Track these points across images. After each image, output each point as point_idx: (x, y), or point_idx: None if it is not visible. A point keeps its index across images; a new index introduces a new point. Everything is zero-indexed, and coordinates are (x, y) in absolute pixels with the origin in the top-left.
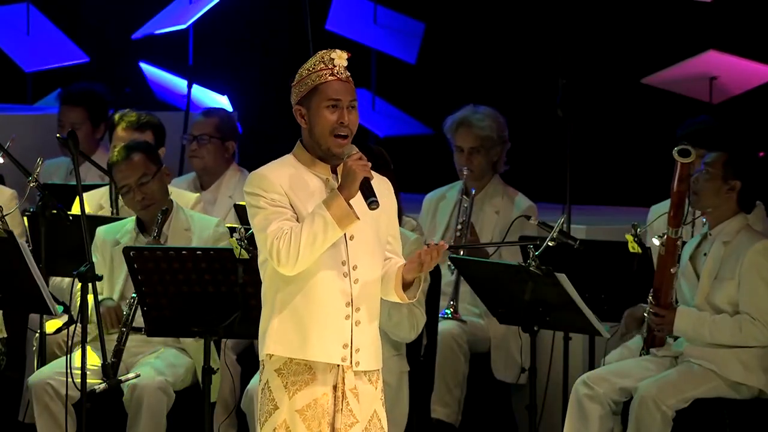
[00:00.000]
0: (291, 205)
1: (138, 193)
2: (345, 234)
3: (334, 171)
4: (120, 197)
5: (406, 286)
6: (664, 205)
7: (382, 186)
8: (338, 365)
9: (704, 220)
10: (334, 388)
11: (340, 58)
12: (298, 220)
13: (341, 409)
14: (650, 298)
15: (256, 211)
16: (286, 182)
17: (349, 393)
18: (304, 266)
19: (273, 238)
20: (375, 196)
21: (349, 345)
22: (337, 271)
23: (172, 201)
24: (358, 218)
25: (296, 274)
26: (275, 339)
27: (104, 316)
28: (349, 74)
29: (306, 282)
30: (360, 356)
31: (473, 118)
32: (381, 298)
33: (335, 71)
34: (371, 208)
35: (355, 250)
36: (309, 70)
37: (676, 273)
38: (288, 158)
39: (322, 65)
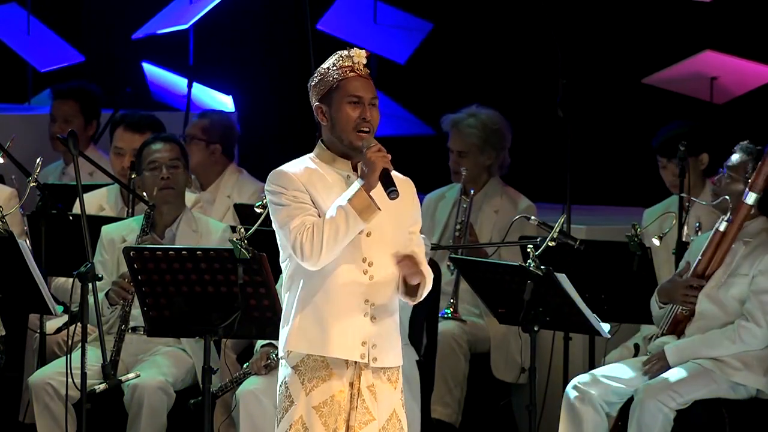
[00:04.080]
0: (312, 201)
1: (166, 172)
2: (363, 230)
3: (354, 168)
4: (134, 198)
5: (410, 290)
6: (658, 209)
7: (405, 186)
8: (356, 362)
9: (727, 217)
10: (351, 385)
11: (359, 56)
12: (319, 216)
13: (356, 407)
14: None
15: (278, 208)
16: (306, 178)
17: (366, 390)
18: (329, 260)
19: (296, 233)
20: (395, 186)
21: (368, 342)
22: (356, 267)
23: (185, 205)
24: (380, 209)
25: (317, 271)
26: (296, 335)
27: (118, 292)
28: (369, 72)
29: (325, 279)
30: (377, 352)
31: (463, 123)
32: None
33: (356, 68)
34: (391, 198)
35: (373, 247)
36: (329, 68)
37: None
38: (308, 157)
39: (342, 62)
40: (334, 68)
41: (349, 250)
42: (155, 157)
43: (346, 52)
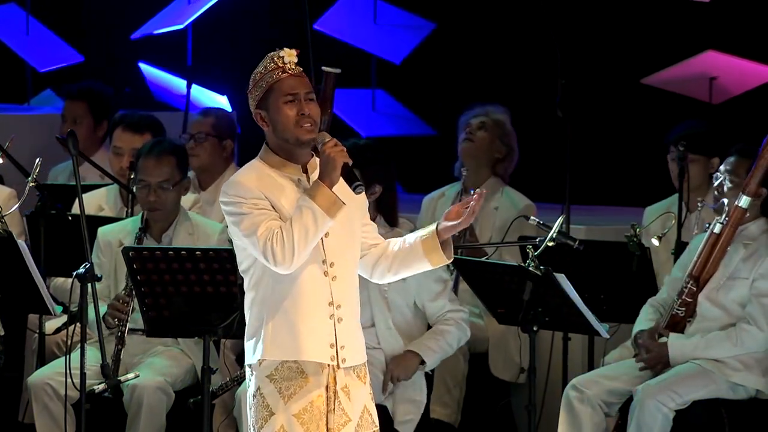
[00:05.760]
0: (272, 207)
1: (153, 195)
2: None
3: (304, 170)
4: (133, 198)
5: (443, 246)
6: (659, 207)
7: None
8: (328, 365)
9: (722, 219)
10: (326, 388)
11: (289, 55)
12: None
13: (333, 409)
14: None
15: (240, 218)
16: (264, 186)
17: (341, 392)
18: (301, 262)
19: (265, 239)
20: (359, 180)
21: (335, 344)
22: (318, 270)
23: (179, 209)
24: (345, 204)
25: (281, 276)
26: (270, 343)
27: (113, 314)
28: (301, 69)
29: (291, 284)
30: (345, 353)
31: (492, 109)
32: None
33: (287, 68)
34: (357, 193)
35: (332, 248)
36: (261, 73)
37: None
38: (256, 163)
39: (273, 65)
40: (266, 71)
41: (311, 253)
42: (145, 177)
43: (275, 54)
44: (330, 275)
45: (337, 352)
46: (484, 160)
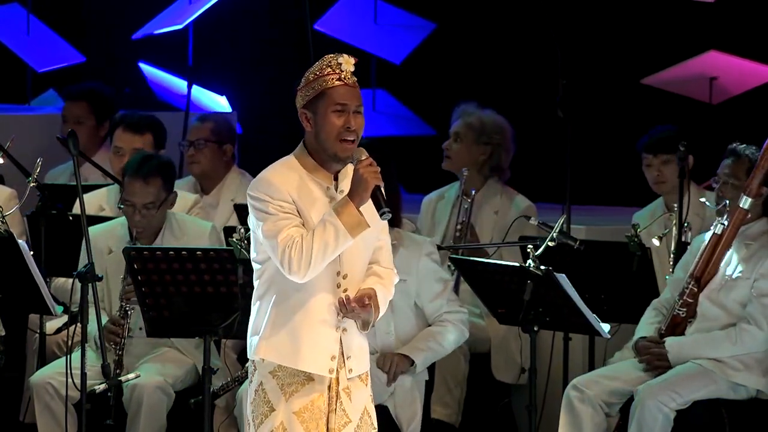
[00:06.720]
0: (297, 212)
1: (138, 215)
2: None
3: (335, 178)
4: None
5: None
6: (645, 212)
7: None
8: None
9: (723, 220)
10: (328, 388)
11: (347, 63)
12: (303, 226)
13: (335, 410)
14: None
15: (264, 216)
16: (293, 189)
17: (342, 393)
18: (316, 273)
19: (284, 246)
20: (388, 207)
21: (337, 356)
22: (332, 282)
23: (165, 215)
24: (369, 226)
25: (295, 283)
26: (267, 344)
27: (108, 337)
28: (355, 79)
29: (304, 292)
30: (352, 363)
31: (470, 110)
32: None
33: (342, 76)
34: (383, 219)
35: (348, 260)
36: (316, 74)
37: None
38: (291, 161)
39: (329, 70)
40: (321, 75)
41: (328, 264)
42: (130, 197)
43: (334, 59)
44: (342, 287)
45: (344, 362)
46: (470, 167)
